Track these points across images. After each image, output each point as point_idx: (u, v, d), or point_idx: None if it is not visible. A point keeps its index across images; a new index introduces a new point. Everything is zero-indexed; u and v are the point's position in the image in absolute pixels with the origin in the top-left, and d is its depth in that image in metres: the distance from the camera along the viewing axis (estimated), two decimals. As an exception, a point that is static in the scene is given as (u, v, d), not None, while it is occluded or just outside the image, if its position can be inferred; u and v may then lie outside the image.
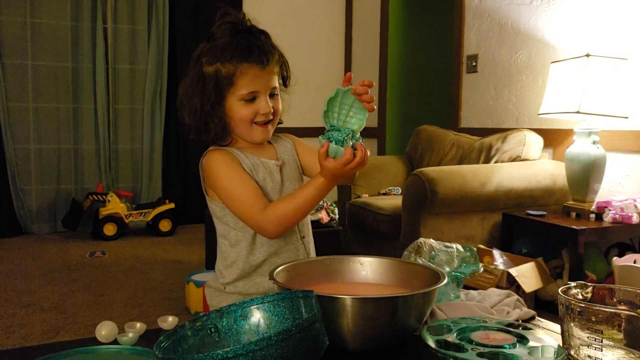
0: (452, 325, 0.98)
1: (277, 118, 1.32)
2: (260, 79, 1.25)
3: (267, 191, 1.29)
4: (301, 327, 0.72)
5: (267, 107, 1.26)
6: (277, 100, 1.30)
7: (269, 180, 1.30)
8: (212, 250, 3.27)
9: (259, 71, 1.24)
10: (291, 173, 1.35)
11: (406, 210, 2.94)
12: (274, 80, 1.28)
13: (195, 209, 4.96)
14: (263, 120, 1.28)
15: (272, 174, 1.31)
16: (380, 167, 3.83)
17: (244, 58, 1.23)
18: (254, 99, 1.26)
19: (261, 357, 0.69)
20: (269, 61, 1.25)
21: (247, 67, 1.23)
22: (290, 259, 1.27)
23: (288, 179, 1.34)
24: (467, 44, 3.90)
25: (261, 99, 1.26)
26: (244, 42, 1.24)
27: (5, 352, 0.99)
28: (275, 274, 1.04)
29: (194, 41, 4.91)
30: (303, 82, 5.11)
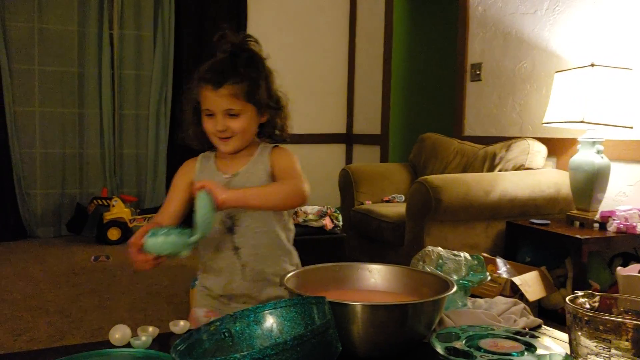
0: (460, 333, 0.99)
1: (243, 135, 1.39)
2: (212, 100, 1.35)
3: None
4: (316, 333, 0.73)
5: (217, 126, 1.36)
6: (237, 120, 1.37)
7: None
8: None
9: (210, 92, 1.35)
10: (243, 186, 1.39)
11: (410, 217, 2.95)
12: (230, 102, 1.35)
13: (198, 214, 4.96)
14: (219, 137, 1.38)
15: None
16: (383, 174, 3.85)
17: (201, 79, 1.37)
18: (212, 115, 1.37)
19: (277, 362, 0.70)
20: (222, 85, 1.34)
21: (203, 88, 1.36)
22: (221, 268, 1.42)
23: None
24: (471, 52, 3.93)
25: (216, 118, 1.36)
26: (213, 64, 1.38)
27: (21, 354, 1.01)
28: (286, 280, 1.06)
29: (199, 47, 4.95)
30: (307, 90, 5.18)
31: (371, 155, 5.12)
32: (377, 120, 5.01)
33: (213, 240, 1.41)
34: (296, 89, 5.38)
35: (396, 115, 4.92)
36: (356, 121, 5.48)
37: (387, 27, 4.91)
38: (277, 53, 5.60)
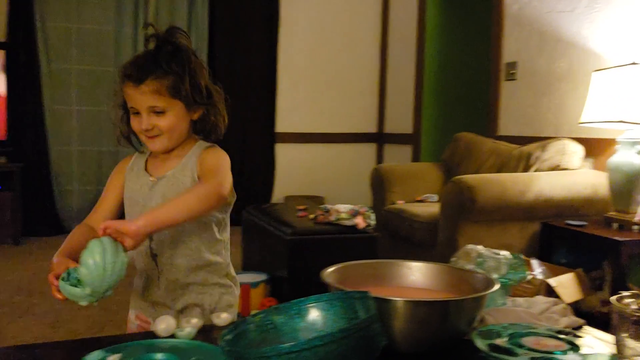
0: (501, 330, 0.99)
1: (170, 134, 1.32)
2: (134, 97, 1.29)
3: (135, 200, 1.38)
4: (362, 326, 0.74)
5: (143, 124, 1.30)
6: (162, 118, 1.30)
7: (136, 193, 1.39)
8: (249, 253, 3.32)
9: (132, 89, 1.29)
10: (166, 192, 1.34)
11: (444, 217, 2.93)
12: (153, 99, 1.28)
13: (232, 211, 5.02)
14: (146, 135, 1.32)
15: (142, 187, 1.38)
16: (415, 174, 3.83)
17: (124, 75, 1.31)
18: (137, 112, 1.31)
19: (324, 353, 0.71)
20: (143, 80, 1.27)
21: (126, 85, 1.30)
22: (141, 269, 1.39)
23: (160, 197, 1.34)
24: (506, 50, 3.88)
25: (141, 116, 1.30)
26: (134, 59, 1.32)
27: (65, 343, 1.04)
28: (325, 275, 1.07)
29: (232, 47, 5.01)
30: (338, 89, 5.19)
31: (402, 155, 5.10)
32: (409, 119, 4.99)
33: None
34: (327, 88, 5.42)
35: (428, 115, 4.89)
36: (387, 120, 5.46)
37: (419, 25, 4.88)
38: (308, 52, 5.68)
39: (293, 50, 5.27)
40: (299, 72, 5.31)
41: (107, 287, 1.05)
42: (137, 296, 1.43)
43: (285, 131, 5.31)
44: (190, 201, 1.21)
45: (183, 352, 0.96)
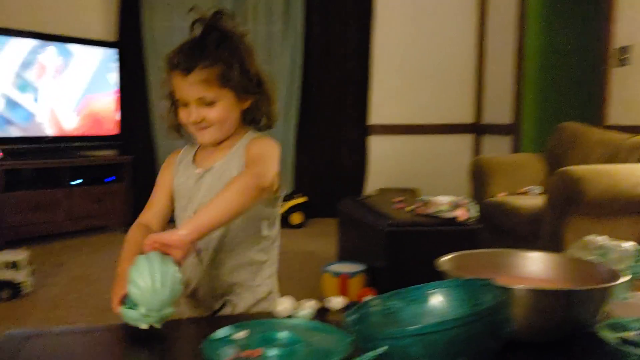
0: (629, 324, 0.95)
1: (221, 125, 1.27)
2: (183, 88, 1.24)
3: (182, 193, 1.35)
4: (491, 311, 0.74)
5: (190, 117, 1.25)
6: (212, 109, 1.24)
7: (182, 186, 1.35)
8: (345, 243, 3.35)
9: (180, 80, 1.23)
10: (213, 184, 1.29)
11: (549, 210, 2.82)
12: (202, 89, 1.22)
13: (325, 203, 5.09)
14: (195, 127, 1.27)
15: (188, 180, 1.34)
16: (517, 165, 3.71)
17: (170, 64, 1.25)
18: (186, 104, 1.26)
19: (452, 336, 0.71)
20: (190, 70, 1.21)
21: (173, 75, 1.25)
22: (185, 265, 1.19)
23: (207, 190, 1.29)
24: (617, 34, 3.66)
25: (190, 108, 1.25)
26: (180, 48, 1.25)
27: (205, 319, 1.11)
28: (441, 263, 1.07)
29: (329, 40, 5.06)
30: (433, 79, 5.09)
31: (501, 146, 4.94)
32: (509, 108, 4.82)
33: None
34: (421, 78, 5.34)
35: (529, 104, 4.70)
36: (485, 110, 5.31)
37: (520, 9, 4.69)
38: (402, 42, 5.61)
39: (387, 40, 5.24)
40: (392, 63, 5.28)
41: (162, 304, 0.96)
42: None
43: (379, 123, 5.29)
44: (230, 198, 1.12)
45: (302, 331, 1.00)
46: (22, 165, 4.02)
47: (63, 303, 2.86)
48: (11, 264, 2.85)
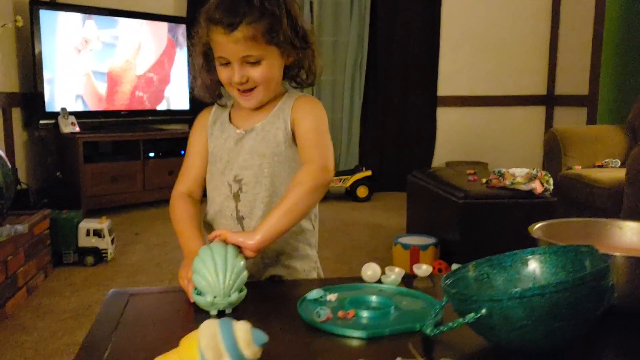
0: None
1: (268, 85, 1.18)
2: (225, 46, 1.12)
3: (219, 155, 1.24)
4: (596, 276, 0.72)
5: (235, 76, 1.14)
6: (258, 68, 1.14)
7: (220, 147, 1.24)
8: (415, 216, 3.34)
9: (223, 37, 1.12)
10: (255, 146, 1.21)
11: (631, 183, 2.71)
12: (247, 47, 1.12)
13: (389, 177, 5.08)
14: (239, 89, 1.18)
15: (227, 141, 1.24)
16: (595, 137, 3.57)
17: (211, 20, 1.13)
18: (228, 63, 1.15)
19: (556, 299, 0.71)
20: (235, 27, 1.09)
21: (214, 31, 1.13)
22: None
23: (248, 151, 1.21)
24: None
25: (232, 67, 1.14)
26: (221, 1, 1.13)
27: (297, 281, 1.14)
28: (534, 230, 1.05)
29: (395, 12, 4.97)
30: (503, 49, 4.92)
31: (575, 118, 4.76)
32: (585, 79, 4.62)
33: (217, 205, 1.25)
34: (492, 48, 5.19)
35: (608, 73, 4.49)
36: (559, 81, 5.12)
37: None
38: (471, 11, 5.47)
39: (455, 9, 5.11)
40: (461, 32, 5.14)
41: (228, 292, 0.96)
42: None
43: (447, 94, 5.19)
44: (303, 201, 1.08)
45: (391, 296, 1.01)
46: (100, 138, 4.20)
47: (143, 269, 2.99)
48: (95, 232, 3.00)
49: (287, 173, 1.21)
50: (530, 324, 0.72)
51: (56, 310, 2.45)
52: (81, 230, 2.99)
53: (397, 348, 0.80)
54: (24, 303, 2.51)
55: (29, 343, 2.13)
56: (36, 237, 2.70)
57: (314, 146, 1.17)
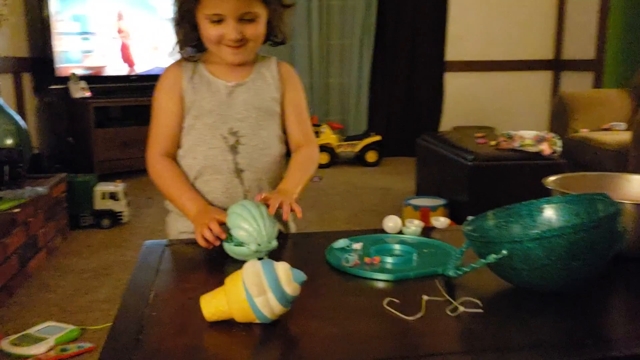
0: None
1: (257, 42, 1.21)
2: (226, 2, 1.13)
3: (206, 109, 1.23)
4: (611, 218, 0.78)
5: (232, 34, 1.16)
6: (254, 25, 1.18)
7: (207, 100, 1.23)
8: (424, 178, 3.39)
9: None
10: (249, 99, 1.25)
11: (636, 146, 2.76)
12: (247, 5, 1.14)
13: (398, 142, 5.12)
14: (231, 45, 1.19)
15: (216, 94, 1.24)
16: (601, 101, 3.60)
17: None
18: (220, 20, 1.16)
19: (574, 240, 0.76)
20: None
21: None
22: (219, 190, 1.24)
23: (242, 104, 1.24)
24: None
25: (228, 23, 1.15)
26: None
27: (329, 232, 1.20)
28: (547, 182, 1.11)
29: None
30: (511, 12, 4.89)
31: (582, 83, 4.76)
32: (592, 44, 4.61)
33: (209, 159, 1.24)
34: (499, 12, 5.16)
35: (614, 38, 4.47)
36: (566, 45, 5.10)
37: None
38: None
39: (463, -27, 5.07)
40: (470, -3, 5.12)
41: (269, 239, 1.03)
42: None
43: (455, 59, 5.19)
44: (311, 169, 1.28)
45: (412, 245, 1.07)
46: (111, 103, 4.23)
47: (158, 231, 3.06)
48: (111, 195, 3.07)
49: (277, 126, 1.29)
50: (549, 264, 0.78)
51: (77, 270, 2.53)
52: (97, 193, 3.06)
53: (422, 289, 0.86)
54: (44, 264, 2.59)
55: (53, 300, 2.22)
56: (54, 199, 2.76)
57: (309, 126, 1.33)
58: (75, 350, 1.77)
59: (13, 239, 2.25)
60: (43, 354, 1.75)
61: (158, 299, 0.85)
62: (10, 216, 2.23)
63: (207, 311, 0.76)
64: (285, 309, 0.76)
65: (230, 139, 1.23)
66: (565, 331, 0.75)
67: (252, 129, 1.24)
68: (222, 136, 1.23)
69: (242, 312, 0.75)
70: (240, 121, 1.24)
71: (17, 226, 2.30)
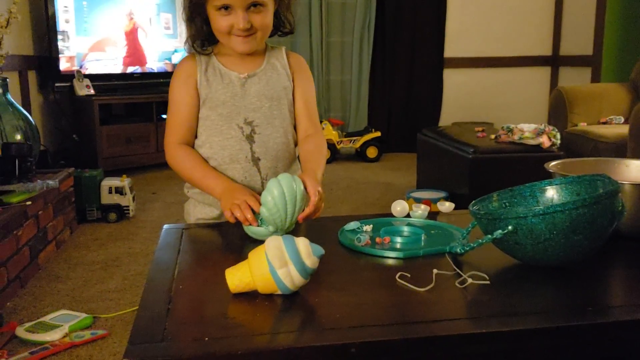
0: None
1: (265, 32, 1.25)
2: None
3: (220, 100, 1.28)
4: (610, 195, 0.83)
5: (241, 22, 1.19)
6: (262, 15, 1.22)
7: (221, 92, 1.28)
8: (425, 172, 3.44)
9: None
10: (261, 90, 1.30)
11: (634, 138, 2.81)
12: None
13: (397, 138, 5.17)
14: (240, 35, 1.23)
15: (229, 85, 1.29)
16: (600, 94, 3.65)
17: None
18: (229, 10, 1.20)
19: (575, 215, 0.81)
20: None
21: None
22: (238, 179, 1.27)
23: (255, 95, 1.29)
24: None
25: (237, 13, 1.19)
26: None
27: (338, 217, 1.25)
28: (550, 166, 1.16)
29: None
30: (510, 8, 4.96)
31: (580, 78, 4.82)
32: (589, 39, 4.67)
33: (226, 149, 1.28)
34: (498, 8, 5.22)
35: (611, 34, 4.54)
36: (564, 41, 5.16)
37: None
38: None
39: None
40: (469, -6, 5.17)
41: (290, 222, 1.07)
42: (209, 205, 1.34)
43: (454, 56, 5.24)
44: (325, 155, 1.33)
45: (419, 227, 1.12)
46: (115, 100, 4.28)
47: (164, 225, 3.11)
48: (117, 190, 3.11)
49: (289, 113, 1.34)
50: (552, 238, 0.83)
51: (86, 262, 2.58)
52: (104, 188, 3.11)
53: (432, 264, 0.91)
54: (54, 256, 2.64)
55: (65, 291, 2.27)
56: (62, 193, 2.81)
57: (316, 115, 1.37)
58: (89, 337, 1.82)
59: (24, 231, 2.30)
60: (58, 340, 1.80)
61: (183, 274, 0.90)
62: (22, 209, 2.28)
63: (232, 283, 0.81)
64: (305, 281, 0.81)
65: (246, 128, 1.28)
66: (568, 300, 0.80)
67: (266, 118, 1.30)
68: (238, 126, 1.28)
69: (265, 284, 0.79)
70: (254, 111, 1.29)
71: (29, 219, 2.35)
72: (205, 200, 1.33)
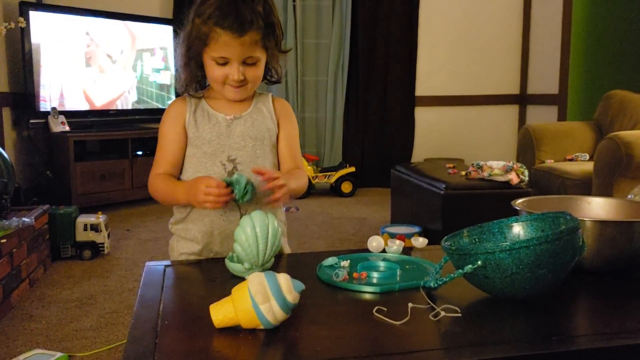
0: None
1: (255, 83, 1.34)
2: (232, 47, 1.25)
3: (206, 139, 1.34)
4: (570, 231, 0.89)
5: (236, 74, 1.28)
6: (255, 68, 1.30)
7: (208, 132, 1.35)
8: (398, 207, 3.51)
9: (231, 40, 1.24)
10: (246, 130, 1.36)
11: (598, 174, 2.92)
12: (251, 50, 1.27)
13: (372, 173, 5.26)
14: (233, 85, 1.31)
15: (215, 126, 1.35)
16: (566, 133, 3.79)
17: (218, 23, 1.23)
18: (226, 63, 1.28)
19: (539, 251, 0.87)
20: (245, 32, 1.23)
21: (220, 33, 1.24)
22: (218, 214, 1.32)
23: (239, 134, 1.36)
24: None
25: (232, 66, 1.27)
26: (227, 6, 1.23)
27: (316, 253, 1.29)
28: (517, 204, 1.22)
29: (376, 13, 5.15)
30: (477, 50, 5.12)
31: (547, 116, 5.00)
32: (555, 79, 4.86)
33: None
34: (467, 49, 5.41)
35: (576, 74, 4.75)
36: (531, 81, 5.36)
37: (567, -18, 4.71)
38: (448, 13, 5.67)
39: (433, 11, 5.32)
40: (438, 34, 5.36)
41: (265, 259, 1.09)
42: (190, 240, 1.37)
43: (425, 94, 5.40)
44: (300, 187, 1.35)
45: (395, 262, 1.17)
46: (90, 137, 4.29)
47: (139, 262, 3.10)
48: (92, 227, 3.10)
49: (272, 155, 1.40)
50: (518, 272, 0.88)
51: (60, 300, 2.55)
52: (79, 224, 3.09)
53: (407, 298, 0.96)
54: (27, 294, 2.61)
55: (39, 330, 2.24)
56: (37, 231, 2.79)
57: (299, 155, 1.44)
58: (65, 376, 1.81)
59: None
60: (33, 380, 1.78)
61: (168, 310, 0.93)
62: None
63: (216, 318, 0.84)
64: (287, 315, 0.85)
65: (229, 165, 1.34)
66: (534, 330, 0.85)
67: (249, 157, 1.36)
68: (221, 163, 1.34)
69: (248, 318, 0.83)
70: (238, 150, 1.35)
71: (2, 257, 2.33)
72: (187, 235, 1.37)
